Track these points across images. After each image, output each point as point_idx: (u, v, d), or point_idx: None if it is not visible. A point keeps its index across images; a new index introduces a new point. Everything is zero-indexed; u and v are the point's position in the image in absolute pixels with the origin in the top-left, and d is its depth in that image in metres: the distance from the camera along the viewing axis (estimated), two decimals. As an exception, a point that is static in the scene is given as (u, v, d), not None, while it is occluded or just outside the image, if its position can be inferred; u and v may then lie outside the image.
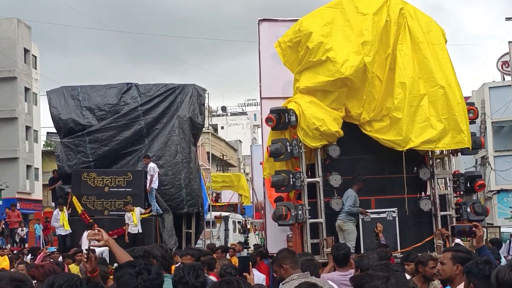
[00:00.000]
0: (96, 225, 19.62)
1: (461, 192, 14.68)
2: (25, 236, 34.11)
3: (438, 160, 15.06)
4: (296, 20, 14.78)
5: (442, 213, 14.24)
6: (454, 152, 14.72)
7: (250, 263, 6.70)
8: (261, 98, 16.85)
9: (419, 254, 8.98)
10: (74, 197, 20.64)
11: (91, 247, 5.70)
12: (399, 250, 13.63)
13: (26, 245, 31.11)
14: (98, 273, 5.59)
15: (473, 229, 6.56)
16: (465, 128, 13.85)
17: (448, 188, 14.89)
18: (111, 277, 6.41)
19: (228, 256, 16.23)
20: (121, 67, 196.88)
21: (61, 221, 20.55)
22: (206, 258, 11.28)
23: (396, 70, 13.91)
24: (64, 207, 20.73)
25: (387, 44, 14.01)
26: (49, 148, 59.32)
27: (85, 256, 5.56)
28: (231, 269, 8.32)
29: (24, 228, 34.86)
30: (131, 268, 4.24)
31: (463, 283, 5.26)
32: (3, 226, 32.83)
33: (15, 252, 24.75)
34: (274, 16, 17.61)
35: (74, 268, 13.71)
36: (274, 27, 16.56)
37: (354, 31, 13.93)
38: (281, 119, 13.71)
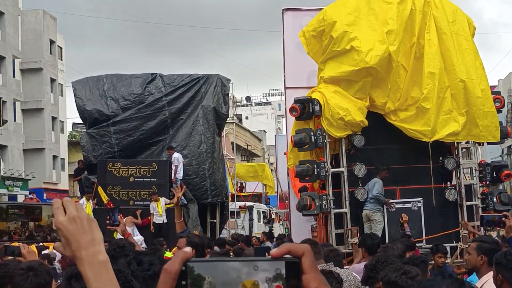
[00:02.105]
0: (140, 211, 19.71)
1: (487, 182, 14.56)
2: (51, 226, 34.52)
3: (464, 150, 14.95)
4: (320, 9, 14.72)
5: (468, 203, 14.14)
6: (479, 142, 14.61)
7: (267, 253, 6.73)
8: (285, 88, 16.85)
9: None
10: (99, 187, 20.76)
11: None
12: (423, 238, 13.56)
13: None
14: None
15: (503, 219, 6.52)
16: (481, 123, 13.78)
17: (474, 178, 14.78)
18: None
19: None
20: (139, 59, 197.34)
21: (86, 211, 20.68)
22: (235, 247, 11.42)
23: (425, 59, 13.81)
24: (90, 197, 20.88)
25: (412, 33, 13.90)
26: (73, 139, 59.77)
27: None
28: None
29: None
30: (124, 258, 4.30)
31: (490, 273, 5.22)
32: None
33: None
34: (297, 4, 17.51)
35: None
36: (298, 17, 16.54)
37: (379, 19, 13.83)
38: (305, 109, 13.67)
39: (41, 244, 11.48)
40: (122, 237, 8.03)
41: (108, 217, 19.52)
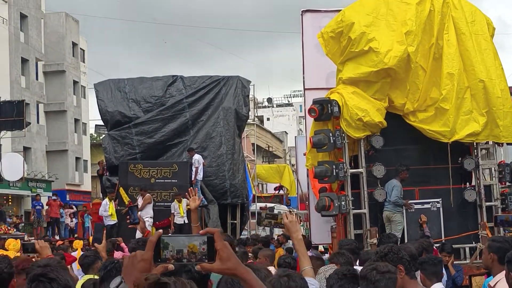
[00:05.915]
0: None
1: (507, 183, 14.49)
2: (74, 227, 34.77)
3: (483, 151, 14.90)
4: (339, 11, 14.75)
5: (487, 203, 14.07)
6: (499, 142, 14.56)
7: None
8: (305, 89, 16.87)
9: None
10: (121, 188, 20.94)
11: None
12: (443, 239, 13.55)
13: (76, 236, 31.65)
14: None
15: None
16: (501, 123, 13.72)
17: (493, 178, 14.69)
18: None
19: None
20: (159, 61, 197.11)
21: (109, 211, 20.86)
22: (255, 248, 11.60)
23: (444, 60, 13.78)
24: (113, 197, 21.06)
25: (430, 33, 13.88)
26: (94, 141, 60.20)
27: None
28: (291, 259, 8.37)
29: (74, 219, 35.51)
30: None
31: (503, 272, 5.25)
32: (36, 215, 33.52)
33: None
34: (314, 6, 17.54)
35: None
36: (317, 18, 16.55)
37: (398, 20, 13.82)
38: (324, 110, 13.67)
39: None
40: (142, 234, 8.17)
41: (128, 216, 19.73)
